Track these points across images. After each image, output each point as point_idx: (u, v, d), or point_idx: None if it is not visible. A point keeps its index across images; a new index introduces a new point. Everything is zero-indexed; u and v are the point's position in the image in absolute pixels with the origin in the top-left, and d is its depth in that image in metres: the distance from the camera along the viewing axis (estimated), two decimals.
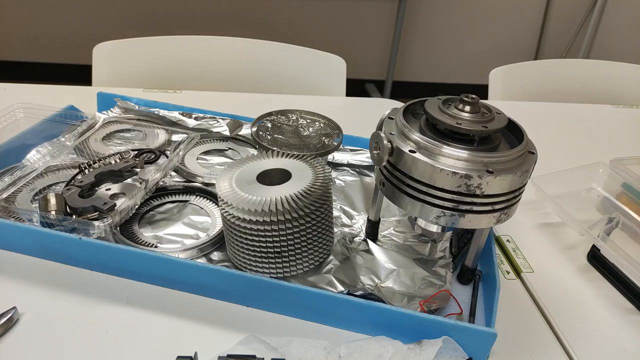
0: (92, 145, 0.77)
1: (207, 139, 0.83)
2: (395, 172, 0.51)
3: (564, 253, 0.70)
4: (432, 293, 0.56)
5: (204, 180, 0.73)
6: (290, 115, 0.79)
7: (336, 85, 1.19)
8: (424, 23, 2.81)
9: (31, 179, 0.66)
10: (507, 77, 1.25)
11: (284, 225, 0.53)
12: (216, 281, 0.55)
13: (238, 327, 0.54)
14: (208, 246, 0.61)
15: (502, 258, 0.68)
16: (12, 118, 0.76)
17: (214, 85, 1.19)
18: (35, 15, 2.59)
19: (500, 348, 0.53)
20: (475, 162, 0.47)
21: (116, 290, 0.57)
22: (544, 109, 1.14)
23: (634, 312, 0.61)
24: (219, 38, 1.21)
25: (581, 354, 0.54)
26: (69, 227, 0.57)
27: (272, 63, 1.23)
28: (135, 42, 1.17)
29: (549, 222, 0.75)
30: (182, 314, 0.54)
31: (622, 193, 0.79)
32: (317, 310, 0.54)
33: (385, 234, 0.66)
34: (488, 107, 0.52)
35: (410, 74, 2.96)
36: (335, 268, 0.60)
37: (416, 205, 0.50)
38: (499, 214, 0.50)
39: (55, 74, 2.70)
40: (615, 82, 1.34)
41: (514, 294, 0.62)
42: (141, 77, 1.17)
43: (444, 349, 0.50)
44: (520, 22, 2.85)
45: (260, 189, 0.56)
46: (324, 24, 2.73)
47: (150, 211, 0.67)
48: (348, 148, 0.82)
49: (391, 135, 0.51)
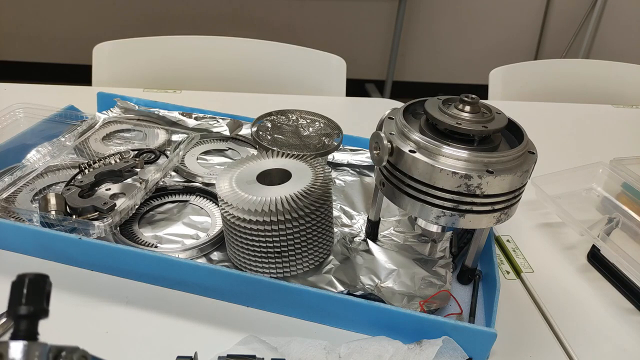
0: (92, 145, 0.77)
1: (207, 139, 0.83)
2: (395, 172, 0.51)
3: (564, 253, 0.70)
4: (432, 293, 0.56)
5: (204, 180, 0.73)
6: (290, 115, 0.79)
7: (336, 85, 1.19)
8: (424, 23, 2.81)
9: (31, 179, 0.66)
10: (507, 77, 1.25)
11: (284, 225, 0.53)
12: (216, 281, 0.55)
13: (238, 327, 0.54)
14: (208, 246, 0.61)
15: (502, 258, 0.68)
16: (12, 118, 0.76)
17: (214, 85, 1.19)
18: (35, 15, 2.59)
19: (500, 348, 0.53)
20: (475, 162, 0.47)
21: (116, 290, 0.57)
22: (544, 109, 1.14)
23: (634, 312, 0.61)
24: (219, 38, 1.21)
25: (581, 354, 0.54)
26: (69, 227, 0.57)
27: (272, 63, 1.23)
28: (135, 42, 1.17)
29: (549, 222, 0.75)
30: (182, 314, 0.54)
31: (622, 193, 0.79)
32: (317, 310, 0.54)
33: (385, 234, 0.66)
34: (488, 107, 0.52)
35: (410, 74, 2.96)
36: (335, 268, 0.60)
37: (416, 205, 0.50)
38: (499, 214, 0.50)
39: (55, 74, 2.70)
40: (615, 82, 1.34)
41: (514, 294, 0.62)
42: (141, 77, 1.17)
43: (444, 349, 0.50)
44: (520, 22, 2.85)
45: (260, 189, 0.56)
46: (324, 24, 2.73)
47: (150, 211, 0.67)
48: (348, 148, 0.82)
49: (391, 135, 0.51)
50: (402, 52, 2.83)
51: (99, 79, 1.14)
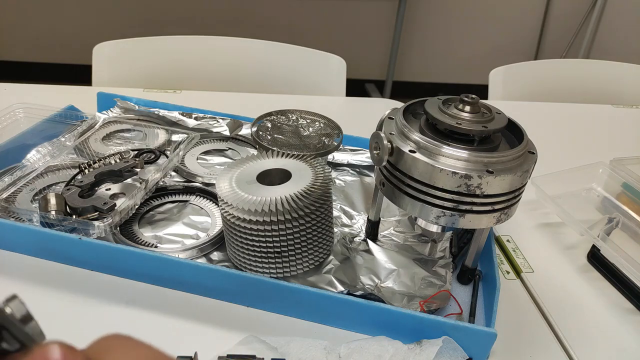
0: (92, 145, 0.77)
1: (207, 139, 0.83)
2: (395, 172, 0.51)
3: (564, 253, 0.70)
4: (432, 293, 0.56)
5: (204, 180, 0.73)
6: (290, 115, 0.79)
7: (336, 85, 1.19)
8: (424, 23, 2.81)
9: (31, 179, 0.66)
10: (507, 77, 1.25)
11: (284, 225, 0.53)
12: (216, 281, 0.55)
13: (238, 327, 0.53)
14: (208, 246, 0.61)
15: (502, 258, 0.68)
16: (12, 118, 0.76)
17: (214, 85, 1.19)
18: (35, 15, 2.59)
19: (500, 348, 0.53)
20: (475, 162, 0.47)
21: (116, 290, 0.56)
22: (544, 109, 1.14)
23: (634, 312, 0.61)
24: (219, 38, 1.21)
25: (581, 354, 0.54)
26: (69, 227, 0.57)
27: (272, 63, 1.23)
28: (135, 42, 1.17)
29: (549, 222, 0.75)
30: (182, 314, 0.54)
31: (622, 193, 0.79)
32: (317, 310, 0.54)
33: (385, 234, 0.66)
34: (488, 107, 0.52)
35: (410, 74, 2.96)
36: (335, 268, 0.60)
37: (416, 205, 0.50)
38: (499, 214, 0.50)
39: (55, 74, 2.70)
40: (615, 82, 1.34)
41: (514, 294, 0.62)
42: (141, 77, 1.17)
43: (444, 349, 0.50)
44: (520, 22, 2.85)
45: (260, 189, 0.56)
46: (324, 24, 2.73)
47: (150, 211, 0.67)
48: (348, 148, 0.82)
49: (391, 135, 0.51)
50: (402, 52, 2.83)
51: (99, 79, 1.14)
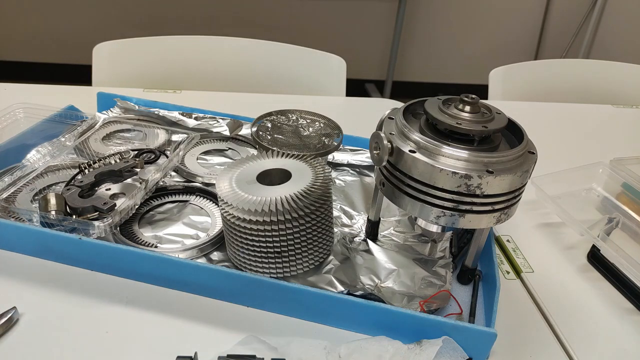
0: (92, 145, 0.77)
1: (207, 139, 0.83)
2: (395, 172, 0.51)
3: (564, 253, 0.70)
4: (432, 293, 0.56)
5: (204, 180, 0.73)
6: (290, 115, 0.79)
7: (336, 85, 1.19)
8: (424, 23, 2.81)
9: (31, 179, 0.66)
10: (507, 77, 1.25)
11: (284, 225, 0.53)
12: (216, 281, 0.55)
13: (238, 327, 0.54)
14: (208, 246, 0.61)
15: (502, 258, 0.68)
16: (12, 118, 0.76)
17: (214, 85, 1.19)
18: (35, 15, 2.59)
19: (500, 348, 0.53)
20: (475, 162, 0.47)
21: (116, 290, 0.57)
22: (544, 109, 1.14)
23: (634, 312, 0.61)
24: (219, 38, 1.21)
25: (581, 354, 0.54)
26: (69, 227, 0.57)
27: (272, 63, 1.23)
28: (135, 42, 1.17)
29: (549, 222, 0.75)
30: (182, 314, 0.54)
31: (622, 193, 0.79)
32: (317, 310, 0.54)
33: (385, 234, 0.66)
34: (488, 107, 0.52)
35: (410, 74, 2.96)
36: (335, 268, 0.60)
37: (416, 205, 0.50)
38: (499, 214, 0.50)
39: (55, 74, 2.70)
40: (615, 82, 1.34)
41: (514, 294, 0.62)
42: (141, 77, 1.17)
43: (444, 349, 0.50)
44: (520, 22, 2.85)
45: (260, 189, 0.56)
46: (324, 24, 2.73)
47: (150, 211, 0.67)
48: (348, 148, 0.82)
49: (391, 135, 0.51)
50: (402, 52, 2.83)
51: (99, 79, 1.14)
